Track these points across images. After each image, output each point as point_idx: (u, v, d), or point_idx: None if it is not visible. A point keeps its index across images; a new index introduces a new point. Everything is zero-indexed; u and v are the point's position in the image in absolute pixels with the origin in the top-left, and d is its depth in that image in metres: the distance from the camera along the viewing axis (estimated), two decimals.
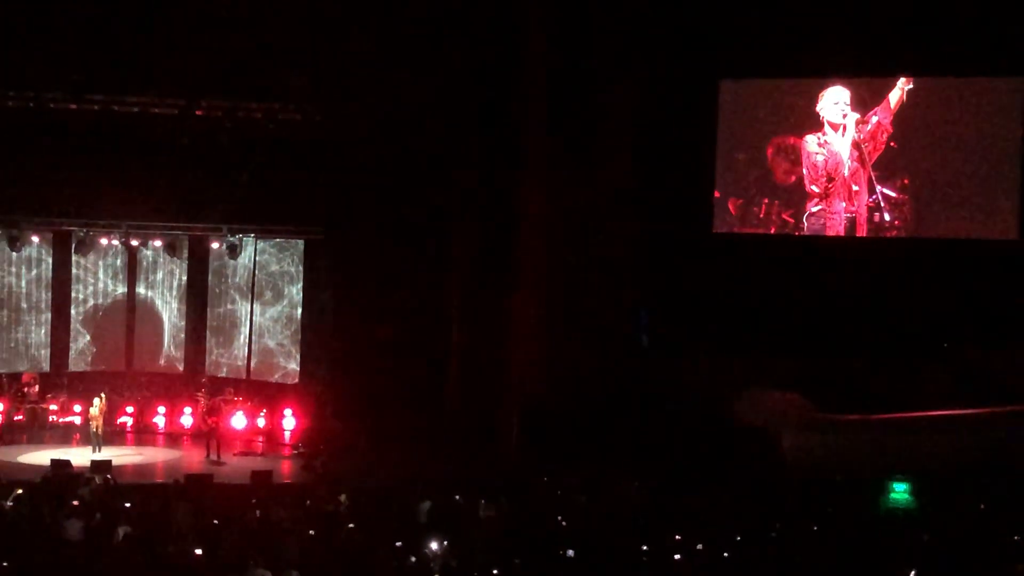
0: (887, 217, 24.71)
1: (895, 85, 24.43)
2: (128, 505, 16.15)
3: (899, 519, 18.25)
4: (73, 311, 26.65)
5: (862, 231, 24.87)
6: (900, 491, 19.53)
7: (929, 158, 24.51)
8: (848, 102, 24.78)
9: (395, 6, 23.95)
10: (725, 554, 14.44)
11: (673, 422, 23.52)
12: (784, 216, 25.52)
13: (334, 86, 24.57)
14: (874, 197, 24.78)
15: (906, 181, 24.66)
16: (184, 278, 27.13)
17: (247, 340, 26.71)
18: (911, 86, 24.31)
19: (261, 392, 26.42)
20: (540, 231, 24.82)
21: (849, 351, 23.53)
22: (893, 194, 24.69)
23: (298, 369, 26.41)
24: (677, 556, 14.19)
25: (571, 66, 24.42)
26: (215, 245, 26.41)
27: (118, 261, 27.02)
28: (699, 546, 14.60)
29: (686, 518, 16.45)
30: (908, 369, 23.14)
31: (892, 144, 24.64)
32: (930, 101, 24.45)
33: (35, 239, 25.80)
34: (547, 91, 24.60)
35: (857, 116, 24.75)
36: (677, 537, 14.99)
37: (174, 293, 27.24)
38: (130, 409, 26.13)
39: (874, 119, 24.61)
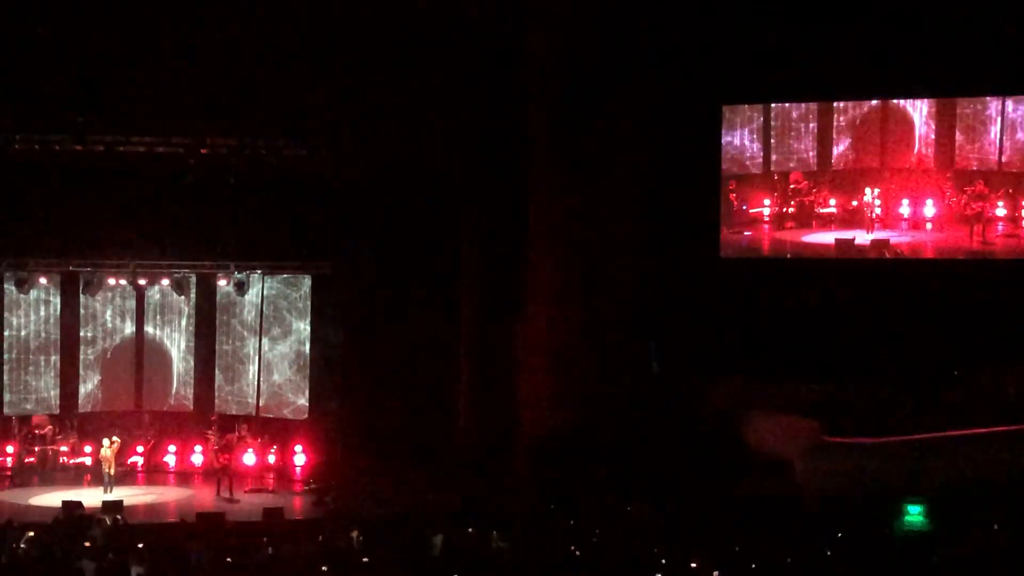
0: (898, 240, 24.84)
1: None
2: (140, 545, 16.11)
3: (914, 541, 18.16)
4: (82, 352, 26.65)
5: (874, 254, 24.93)
6: (915, 513, 19.45)
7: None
8: None
9: (398, 38, 24.05)
10: None
11: (685, 448, 23.50)
12: (793, 239, 25.63)
13: (339, 121, 24.65)
14: (877, 221, 24.97)
15: (919, 203, 24.90)
16: (192, 316, 27.18)
17: (256, 376, 26.71)
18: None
19: (271, 428, 26.40)
20: (547, 261, 24.84)
21: (860, 374, 23.49)
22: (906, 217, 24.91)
23: (308, 404, 26.38)
24: None
25: (576, 94, 24.50)
26: (222, 282, 26.46)
27: (126, 301, 27.07)
28: (715, 573, 14.55)
29: (699, 544, 16.38)
30: (921, 391, 23.06)
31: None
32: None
33: (43, 280, 25.83)
34: (552, 120, 24.67)
35: None
36: (692, 564, 14.93)
37: (182, 331, 27.27)
38: (140, 449, 26.12)
39: None
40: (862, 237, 25.28)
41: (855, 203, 25.48)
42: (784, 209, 26.02)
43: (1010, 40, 23.02)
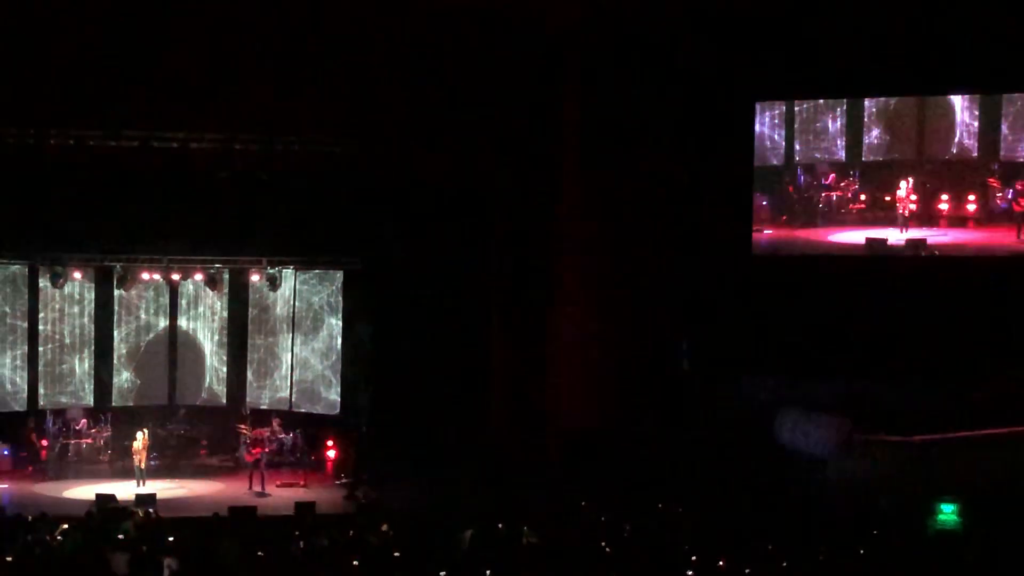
0: (936, 239, 24.09)
1: None
2: (172, 539, 16.20)
3: (947, 540, 18.05)
4: (115, 346, 26.86)
5: (909, 254, 24.35)
6: (947, 512, 19.34)
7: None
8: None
9: (429, 36, 24.08)
10: None
11: (716, 445, 23.44)
12: (819, 239, 25.16)
13: (371, 117, 24.70)
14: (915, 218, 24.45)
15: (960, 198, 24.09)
16: (225, 311, 27.33)
17: (288, 372, 26.83)
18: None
19: (303, 423, 26.50)
20: (578, 256, 24.84)
21: (893, 372, 23.26)
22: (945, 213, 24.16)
23: (339, 400, 26.47)
24: None
25: (607, 87, 24.46)
26: (255, 278, 26.57)
27: (159, 296, 27.25)
28: (746, 571, 14.50)
29: (731, 542, 16.33)
30: (953, 389, 22.85)
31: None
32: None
33: (77, 275, 26.02)
34: (583, 114, 24.65)
35: None
36: (720, 563, 14.88)
37: (215, 326, 27.43)
38: (173, 442, 26.24)
39: None
40: (896, 236, 24.17)
41: (888, 198, 24.39)
42: (809, 205, 25.02)
43: None
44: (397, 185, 26.05)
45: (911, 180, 24.30)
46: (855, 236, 24.61)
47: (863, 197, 24.72)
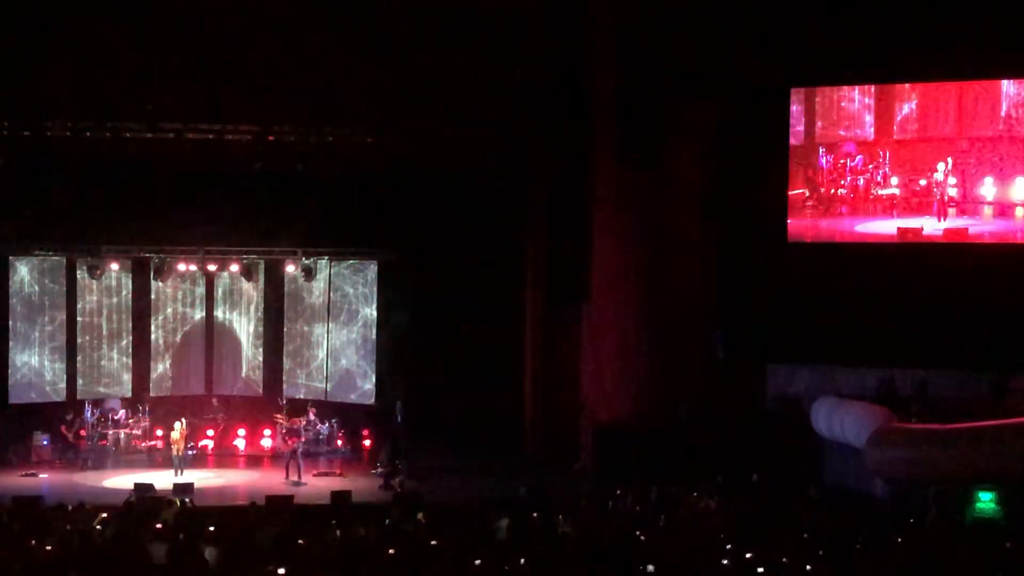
0: (979, 229, 22.97)
1: None
2: (212, 529, 16.30)
3: (986, 528, 17.92)
4: (153, 337, 27.07)
5: (939, 238, 23.92)
6: (986, 500, 19.21)
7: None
8: None
9: (464, 25, 24.05)
10: (808, 567, 14.27)
11: (751, 435, 23.37)
12: (845, 229, 24.50)
13: (406, 108, 24.72)
14: (951, 205, 23.81)
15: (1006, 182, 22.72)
16: (261, 301, 27.47)
17: (324, 361, 26.94)
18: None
19: (339, 413, 26.62)
20: (612, 247, 24.76)
21: (932, 360, 22.99)
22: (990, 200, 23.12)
23: (374, 389, 26.56)
24: (760, 569, 14.04)
25: (640, 77, 24.36)
26: (290, 268, 26.69)
27: (196, 286, 27.42)
28: (783, 559, 14.45)
29: (767, 531, 16.28)
30: (992, 377, 22.62)
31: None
32: None
33: (114, 266, 26.23)
34: (617, 104, 24.54)
35: None
36: (748, 555, 14.82)
37: (251, 317, 27.57)
38: (210, 432, 26.41)
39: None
40: (932, 226, 22.77)
41: (923, 182, 22.86)
42: (833, 190, 23.76)
43: None
44: (430, 176, 26.11)
45: (950, 161, 22.64)
46: (885, 226, 23.19)
47: (895, 181, 23.10)
